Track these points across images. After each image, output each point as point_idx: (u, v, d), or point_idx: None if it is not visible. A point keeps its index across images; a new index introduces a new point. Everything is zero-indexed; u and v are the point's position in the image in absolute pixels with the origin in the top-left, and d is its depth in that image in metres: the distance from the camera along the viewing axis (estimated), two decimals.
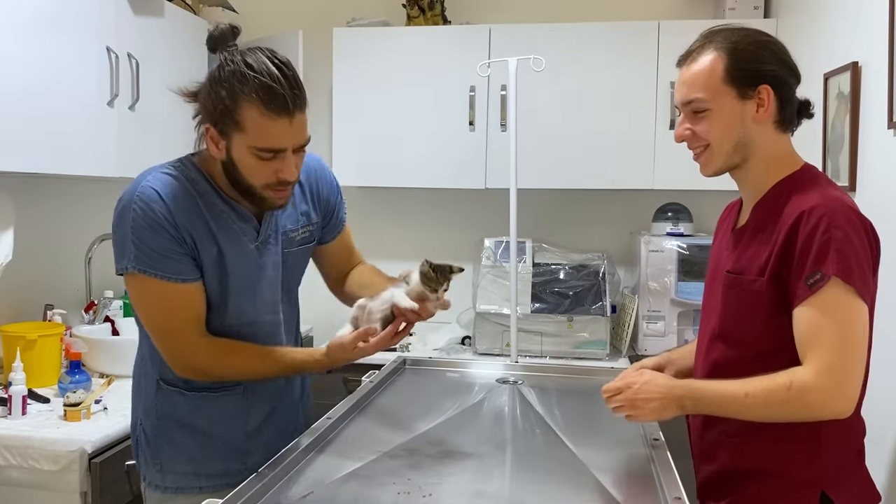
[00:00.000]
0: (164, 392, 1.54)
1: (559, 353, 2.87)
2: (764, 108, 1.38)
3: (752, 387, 1.30)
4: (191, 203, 1.43)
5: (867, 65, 2.08)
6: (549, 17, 3.28)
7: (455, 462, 1.36)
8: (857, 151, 2.11)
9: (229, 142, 1.38)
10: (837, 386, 1.27)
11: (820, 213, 1.30)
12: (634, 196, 3.25)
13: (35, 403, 2.11)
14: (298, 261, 1.65)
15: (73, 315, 2.71)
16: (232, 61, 1.35)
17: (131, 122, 2.53)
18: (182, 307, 1.45)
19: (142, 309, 1.48)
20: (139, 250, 1.40)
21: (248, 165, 1.38)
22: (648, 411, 1.36)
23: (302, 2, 3.50)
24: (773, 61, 1.39)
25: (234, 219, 1.48)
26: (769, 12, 2.99)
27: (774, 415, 1.31)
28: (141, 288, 1.44)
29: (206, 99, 1.38)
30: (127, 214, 1.40)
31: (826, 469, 1.37)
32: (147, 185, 1.41)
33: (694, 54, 1.43)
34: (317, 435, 1.44)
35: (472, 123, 3.02)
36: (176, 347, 1.47)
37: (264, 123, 1.34)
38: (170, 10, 2.75)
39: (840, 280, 1.27)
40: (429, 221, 3.45)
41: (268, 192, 1.42)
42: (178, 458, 1.54)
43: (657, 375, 1.41)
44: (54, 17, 2.17)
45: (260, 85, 1.32)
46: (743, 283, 1.40)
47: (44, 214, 2.66)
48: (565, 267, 2.99)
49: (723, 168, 1.44)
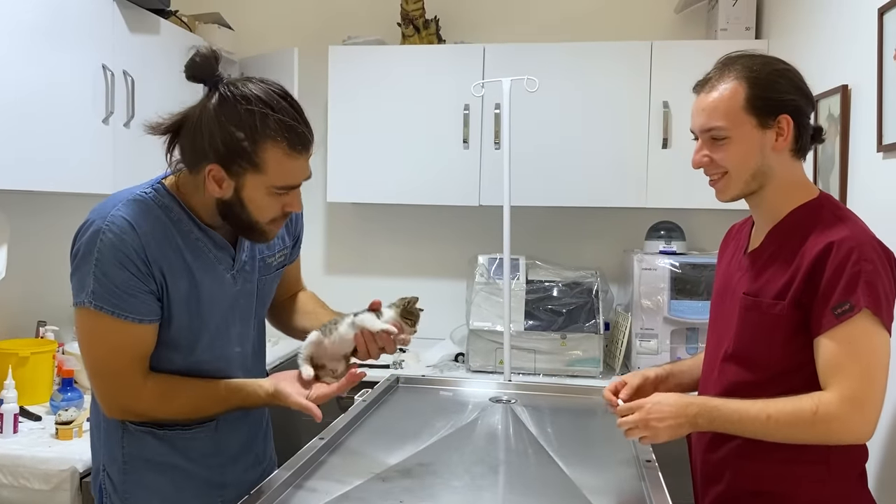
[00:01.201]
0: (131, 434, 1.43)
1: (552, 370, 2.87)
2: (784, 137, 1.39)
3: (774, 409, 1.31)
4: (163, 233, 1.36)
5: (857, 88, 2.10)
6: (543, 37, 3.31)
7: (448, 483, 1.36)
8: (847, 173, 2.13)
9: (239, 181, 1.31)
10: (861, 415, 1.29)
11: (850, 245, 1.32)
12: (627, 214, 3.27)
13: (27, 421, 2.10)
14: (270, 287, 1.59)
15: (66, 332, 2.69)
16: (243, 98, 1.27)
17: (126, 139, 2.54)
18: (130, 346, 1.35)
19: (88, 346, 1.37)
20: (100, 285, 1.30)
21: (261, 204, 1.34)
22: (662, 430, 1.35)
23: (298, 19, 3.52)
24: (792, 90, 1.39)
25: (210, 247, 1.42)
26: (760, 33, 3.03)
27: (794, 437, 1.32)
28: (91, 325, 1.34)
29: (207, 138, 1.29)
30: (93, 243, 1.31)
31: (832, 491, 1.39)
32: (118, 215, 1.33)
33: (713, 81, 1.42)
34: (309, 456, 1.44)
35: (466, 141, 3.04)
36: (116, 389, 1.37)
37: (287, 164, 1.30)
38: (166, 28, 2.76)
39: (869, 312, 1.29)
40: (423, 238, 3.46)
41: (270, 226, 1.38)
42: (151, 501, 1.44)
43: (667, 395, 1.40)
44: (50, 33, 2.18)
45: (284, 125, 1.28)
46: (762, 305, 1.41)
47: (37, 230, 2.65)
48: (559, 284, 3.00)
49: (740, 195, 1.45)
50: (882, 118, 1.89)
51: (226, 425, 1.50)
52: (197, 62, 1.30)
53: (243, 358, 1.55)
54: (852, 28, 2.15)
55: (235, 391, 1.44)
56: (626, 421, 1.38)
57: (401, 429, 1.60)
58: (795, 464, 1.38)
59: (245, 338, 1.55)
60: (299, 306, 1.69)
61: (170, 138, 1.39)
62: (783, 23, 2.80)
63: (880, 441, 1.83)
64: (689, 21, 3.28)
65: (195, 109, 1.33)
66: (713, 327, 1.58)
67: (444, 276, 3.42)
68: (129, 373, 1.36)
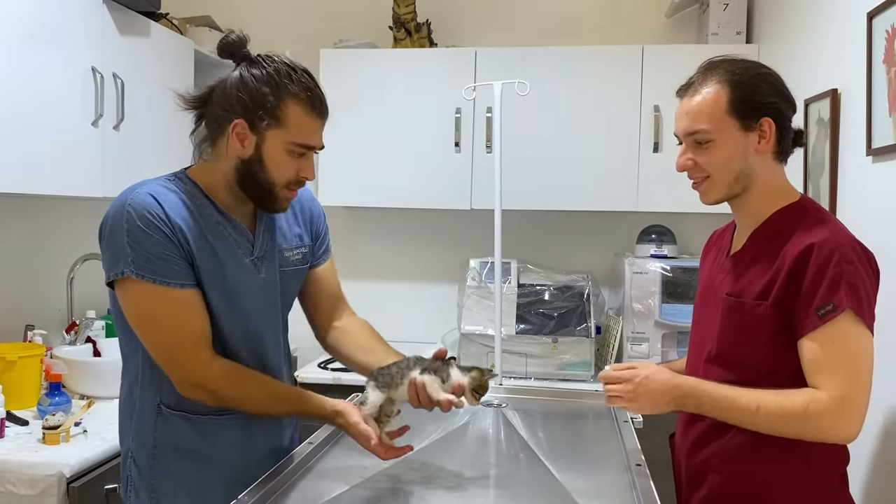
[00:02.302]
0: (165, 419, 1.45)
1: (544, 374, 2.87)
2: (766, 140, 1.41)
3: (765, 401, 1.32)
4: (186, 211, 1.41)
5: (846, 92, 2.11)
6: (535, 40, 3.31)
7: (438, 488, 1.36)
8: (837, 177, 2.13)
9: (261, 137, 1.40)
10: (849, 415, 1.31)
11: (831, 246, 1.33)
12: (619, 218, 3.27)
13: (13, 426, 2.09)
14: (292, 282, 1.61)
15: (54, 335, 2.68)
16: (272, 61, 1.40)
17: (116, 142, 2.53)
18: (186, 319, 1.39)
19: (141, 320, 1.39)
20: (136, 253, 1.34)
21: (279, 161, 1.41)
22: (645, 404, 1.38)
23: (289, 23, 3.52)
24: (774, 93, 1.42)
25: (230, 230, 1.46)
26: (751, 38, 3.04)
27: (781, 430, 1.34)
28: (139, 296, 1.37)
29: (236, 96, 1.39)
30: (120, 220, 1.36)
31: (813, 494, 1.39)
32: (140, 192, 1.39)
33: (696, 85, 1.44)
34: (298, 460, 1.43)
35: (457, 145, 3.03)
36: (184, 364, 1.39)
37: (306, 121, 1.41)
38: (156, 30, 2.75)
39: (852, 312, 1.31)
40: (414, 242, 3.46)
41: (284, 191, 1.45)
42: (176, 491, 1.45)
43: (660, 370, 1.42)
44: (39, 35, 2.17)
45: (306, 86, 1.40)
46: (745, 306, 1.42)
47: (25, 233, 2.64)
48: (550, 288, 3.00)
49: (723, 198, 1.46)
50: (871, 122, 1.90)
51: (260, 419, 1.51)
52: (231, 39, 1.42)
53: (275, 345, 1.56)
54: (842, 32, 2.16)
55: (303, 396, 1.49)
56: (612, 389, 1.40)
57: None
58: (777, 465, 1.39)
59: (275, 325, 1.56)
60: (354, 339, 1.67)
61: (197, 116, 1.47)
62: (773, 27, 2.82)
63: (861, 444, 1.84)
64: (679, 25, 3.29)
65: (222, 79, 1.43)
66: (696, 330, 1.60)
67: (435, 280, 3.42)
68: (191, 346, 1.39)
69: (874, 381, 1.73)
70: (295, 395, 1.49)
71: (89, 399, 2.26)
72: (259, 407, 1.46)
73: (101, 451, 1.95)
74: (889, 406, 1.77)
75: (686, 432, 1.55)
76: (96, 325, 2.71)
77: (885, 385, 1.79)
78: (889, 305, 1.80)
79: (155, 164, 2.77)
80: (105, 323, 2.80)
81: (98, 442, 1.99)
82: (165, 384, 1.43)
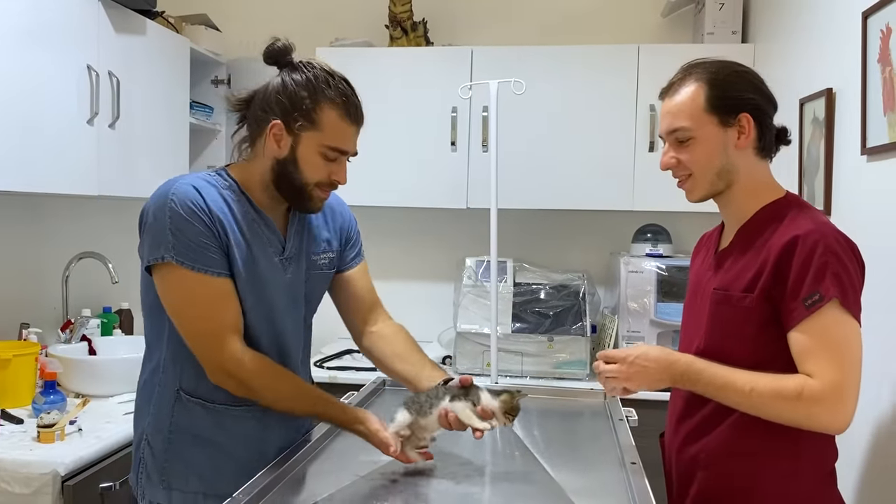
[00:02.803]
0: (183, 403, 1.49)
1: (539, 373, 2.87)
2: (745, 136, 1.44)
3: (759, 384, 1.34)
4: (224, 204, 1.47)
5: (841, 91, 2.12)
6: (531, 39, 3.31)
7: (432, 486, 1.36)
8: (832, 176, 2.14)
9: (297, 139, 1.45)
10: (842, 402, 1.32)
11: (815, 238, 1.35)
12: (614, 217, 3.28)
13: (8, 424, 2.08)
14: (317, 285, 1.66)
15: (49, 334, 2.68)
16: (312, 67, 1.46)
17: (112, 140, 2.52)
18: (222, 308, 1.43)
19: (179, 305, 1.44)
20: (177, 240, 1.40)
21: (312, 162, 1.46)
22: (641, 381, 1.39)
23: (285, 21, 3.51)
24: (751, 90, 1.45)
25: (263, 228, 1.51)
26: (747, 37, 3.04)
27: (773, 413, 1.35)
28: (178, 282, 1.42)
29: (276, 99, 1.45)
30: (164, 209, 1.41)
31: (802, 489, 1.40)
32: (183, 183, 1.45)
33: (675, 86, 1.48)
34: (294, 458, 1.43)
35: (453, 144, 3.03)
36: (217, 351, 1.42)
37: (340, 126, 1.46)
38: (152, 29, 2.74)
39: (838, 301, 1.33)
40: (410, 241, 3.46)
41: (316, 191, 1.50)
42: (188, 476, 1.49)
43: (652, 346, 1.45)
44: (34, 33, 2.17)
45: (343, 92, 1.46)
46: (732, 299, 1.44)
47: (20, 232, 2.63)
48: (546, 287, 3.00)
49: (708, 194, 1.49)
50: (866, 121, 1.91)
51: (272, 414, 1.52)
52: (277, 47, 1.48)
53: (296, 344, 1.59)
54: (837, 32, 2.16)
55: (326, 399, 1.51)
56: (609, 369, 1.40)
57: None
58: (765, 461, 1.40)
59: (298, 324, 1.59)
60: (391, 345, 1.70)
61: (239, 118, 1.53)
62: (769, 27, 2.82)
63: (850, 442, 1.84)
64: (675, 25, 3.29)
65: (265, 84, 1.49)
66: (685, 328, 1.62)
67: (431, 279, 3.42)
68: (225, 334, 1.42)
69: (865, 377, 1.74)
70: (318, 397, 1.50)
71: (84, 397, 2.25)
72: (281, 402, 1.48)
73: (96, 450, 1.95)
74: (879, 402, 1.77)
75: (676, 430, 1.56)
76: (91, 324, 2.71)
77: (876, 381, 1.80)
78: (885, 302, 1.81)
79: (150, 162, 2.77)
80: (100, 321, 2.79)
81: (93, 440, 1.98)
82: (186, 371, 1.48)
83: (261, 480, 1.32)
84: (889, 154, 1.82)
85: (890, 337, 1.77)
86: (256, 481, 1.31)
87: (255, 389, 1.45)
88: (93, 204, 2.99)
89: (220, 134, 3.36)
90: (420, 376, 1.57)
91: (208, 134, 3.33)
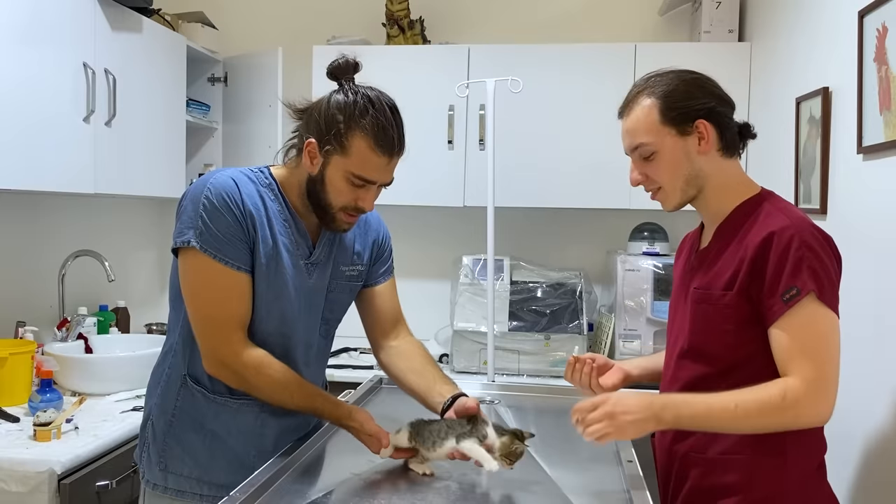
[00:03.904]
0: (188, 389, 1.53)
1: (536, 371, 2.87)
2: (705, 141, 1.45)
3: (742, 398, 1.33)
4: (259, 200, 1.49)
5: (837, 90, 2.12)
6: (528, 38, 3.31)
7: (428, 483, 1.36)
8: (828, 175, 2.14)
9: (327, 160, 1.46)
10: (823, 395, 1.33)
11: (791, 233, 1.36)
12: (611, 215, 3.28)
13: (4, 423, 2.08)
14: (342, 296, 1.66)
15: (46, 332, 2.67)
16: (356, 92, 1.46)
17: (108, 138, 2.52)
18: (233, 300, 1.45)
19: (194, 291, 1.46)
20: (206, 228, 1.42)
21: (337, 187, 1.47)
22: (628, 425, 1.34)
23: (282, 19, 3.51)
24: (704, 95, 1.46)
25: (294, 230, 1.53)
26: (743, 36, 3.05)
27: (764, 425, 1.34)
28: (197, 268, 1.44)
29: (318, 117, 1.46)
30: (200, 193, 1.44)
31: (791, 484, 1.41)
32: (223, 175, 1.48)
33: (630, 104, 1.52)
34: (291, 457, 1.43)
35: (450, 142, 3.03)
36: (219, 341, 1.45)
37: (369, 156, 1.45)
38: (148, 26, 2.74)
39: (815, 295, 1.33)
40: (407, 239, 3.45)
41: (341, 214, 1.50)
42: (185, 460, 1.52)
43: (628, 392, 1.42)
44: (30, 31, 2.16)
45: (377, 122, 1.44)
46: (712, 297, 1.45)
47: (16, 229, 2.63)
48: (543, 285, 3.00)
49: (681, 202, 1.51)
50: (862, 120, 1.91)
51: (272, 409, 1.53)
52: (340, 63, 1.50)
53: (306, 348, 1.59)
54: (833, 31, 2.17)
55: (320, 393, 1.51)
56: (593, 417, 1.35)
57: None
58: (754, 456, 1.41)
59: (310, 330, 1.60)
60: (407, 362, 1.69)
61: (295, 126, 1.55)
62: (766, 26, 2.82)
63: (840, 434, 1.85)
64: (672, 23, 3.29)
65: (321, 98, 1.51)
66: (671, 329, 1.62)
67: (428, 277, 3.42)
68: (229, 326, 1.45)
69: (859, 372, 1.75)
70: (313, 391, 1.51)
71: (81, 396, 2.25)
72: (277, 393, 1.48)
73: (93, 448, 1.95)
74: (873, 398, 1.78)
75: (665, 430, 1.56)
76: (88, 322, 2.70)
77: (869, 377, 1.81)
78: (879, 298, 1.82)
79: (147, 159, 2.77)
80: (97, 319, 2.79)
81: (90, 439, 1.98)
82: (195, 358, 1.51)
83: (259, 478, 1.32)
84: (885, 153, 1.82)
85: (884, 332, 1.78)
86: (254, 479, 1.31)
87: (249, 383, 1.47)
88: (89, 202, 2.99)
89: (217, 132, 3.35)
90: (432, 391, 1.57)
91: (205, 131, 3.33)
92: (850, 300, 1.97)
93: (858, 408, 1.85)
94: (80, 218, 2.95)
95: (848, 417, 1.89)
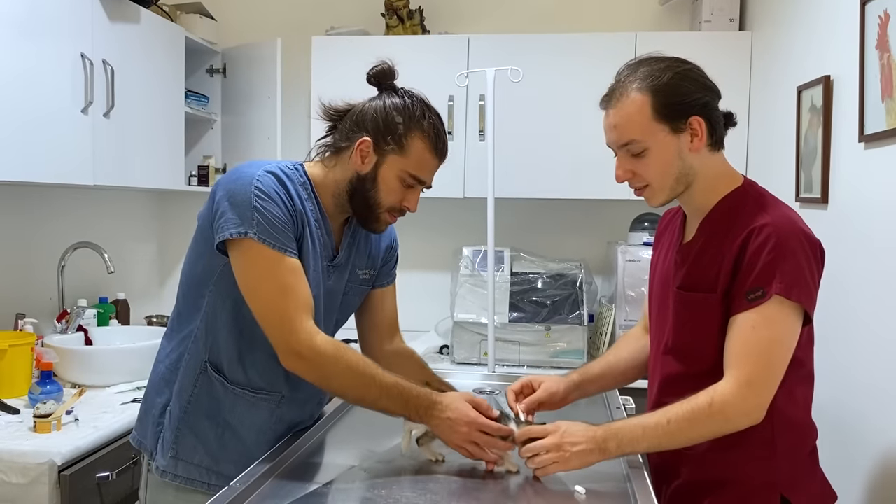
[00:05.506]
0: (207, 376, 1.51)
1: (537, 362, 2.87)
2: (699, 138, 1.39)
3: (672, 412, 1.33)
4: (297, 198, 1.50)
5: (839, 79, 2.11)
6: (528, 27, 3.30)
7: (432, 477, 1.36)
8: (829, 164, 2.14)
9: (382, 159, 1.50)
10: (756, 397, 1.31)
11: (768, 232, 1.33)
12: (611, 206, 3.27)
13: (4, 415, 2.08)
14: (354, 299, 1.68)
15: (45, 324, 2.67)
16: (411, 96, 1.53)
17: (106, 129, 2.51)
18: (298, 287, 1.43)
19: (255, 283, 1.42)
20: (263, 218, 1.41)
21: (390, 185, 1.51)
22: (574, 456, 1.32)
23: (280, 10, 3.49)
24: (697, 89, 1.39)
25: (323, 231, 1.55)
26: (744, 25, 3.03)
27: (699, 435, 1.34)
28: (256, 258, 1.41)
29: (374, 115, 1.51)
30: (249, 185, 1.43)
31: (782, 472, 1.40)
32: (267, 169, 1.47)
33: (617, 94, 1.42)
34: (290, 448, 1.43)
35: (450, 132, 3.02)
36: (293, 329, 1.40)
37: (425, 157, 1.52)
38: (146, 17, 2.73)
39: (781, 297, 1.30)
40: (407, 230, 3.43)
41: (386, 214, 1.55)
42: (196, 447, 1.50)
43: (573, 423, 1.38)
44: (27, 22, 2.15)
45: (435, 126, 1.53)
46: (695, 299, 1.42)
47: (15, 222, 2.62)
48: (543, 276, 3.00)
49: (668, 199, 1.45)
50: (863, 109, 1.90)
51: (288, 405, 1.54)
52: (382, 69, 1.56)
53: None
54: (834, 19, 2.15)
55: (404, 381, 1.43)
56: (540, 446, 1.32)
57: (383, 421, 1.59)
58: (742, 450, 1.39)
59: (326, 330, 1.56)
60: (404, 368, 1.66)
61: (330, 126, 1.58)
62: (766, 14, 2.81)
63: (832, 420, 1.85)
64: (673, 13, 3.28)
65: (364, 101, 1.56)
66: (655, 321, 1.59)
67: (428, 269, 3.42)
68: (300, 313, 1.41)
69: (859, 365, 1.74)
70: (392, 378, 1.43)
71: (80, 388, 2.25)
72: (356, 379, 1.42)
73: (93, 440, 1.95)
74: (871, 390, 1.78)
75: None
76: (87, 314, 2.70)
77: (869, 371, 1.81)
78: (881, 289, 1.81)
79: (146, 151, 2.76)
80: (96, 311, 2.79)
81: (90, 430, 1.98)
82: (216, 346, 1.49)
83: (259, 468, 1.32)
84: (887, 141, 1.81)
85: (885, 323, 1.78)
86: (255, 469, 1.31)
87: (322, 372, 1.41)
88: (88, 193, 2.98)
89: (216, 123, 3.34)
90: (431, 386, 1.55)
91: (204, 123, 3.32)
92: (850, 288, 1.97)
93: (856, 392, 1.85)
94: (79, 210, 2.94)
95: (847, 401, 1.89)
